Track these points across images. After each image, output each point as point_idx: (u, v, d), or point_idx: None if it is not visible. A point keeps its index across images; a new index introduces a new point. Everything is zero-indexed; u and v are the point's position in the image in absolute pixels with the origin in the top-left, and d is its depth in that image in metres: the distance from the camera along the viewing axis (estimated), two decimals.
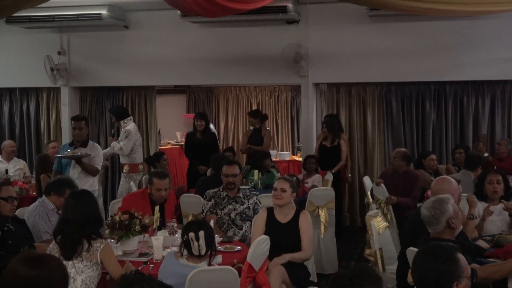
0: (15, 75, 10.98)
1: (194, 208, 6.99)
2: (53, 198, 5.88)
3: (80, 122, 7.66)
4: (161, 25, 10.31)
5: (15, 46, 10.94)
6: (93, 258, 4.35)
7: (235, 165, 6.59)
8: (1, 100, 11.52)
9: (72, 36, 10.76)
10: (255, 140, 10.12)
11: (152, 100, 11.03)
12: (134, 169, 9.11)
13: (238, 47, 10.12)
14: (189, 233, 4.38)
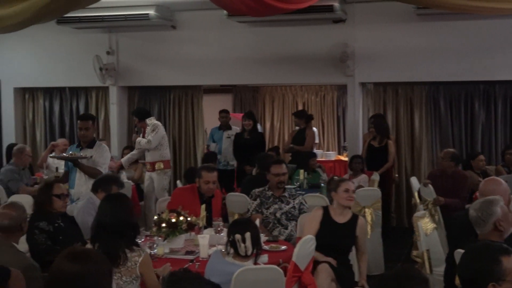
0: (65, 74, 11.20)
1: (240, 207, 7.02)
2: (100, 195, 6.00)
3: (87, 122, 7.18)
4: (208, 25, 10.37)
5: (65, 46, 11.15)
6: (132, 273, 4.18)
7: (283, 164, 6.65)
8: (51, 99, 11.74)
9: (120, 36, 10.92)
10: (298, 140, 10.11)
11: (199, 99, 11.13)
12: (167, 165, 9.09)
13: (284, 47, 10.13)
14: (236, 235, 4.37)
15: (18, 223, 4.33)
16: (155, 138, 8.84)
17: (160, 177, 8.99)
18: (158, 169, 8.98)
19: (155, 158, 8.98)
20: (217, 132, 10.38)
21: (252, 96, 14.28)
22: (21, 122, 11.84)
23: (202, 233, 5.50)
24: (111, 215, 4.32)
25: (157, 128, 8.92)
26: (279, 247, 5.39)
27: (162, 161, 8.99)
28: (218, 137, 10.30)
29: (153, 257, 4.96)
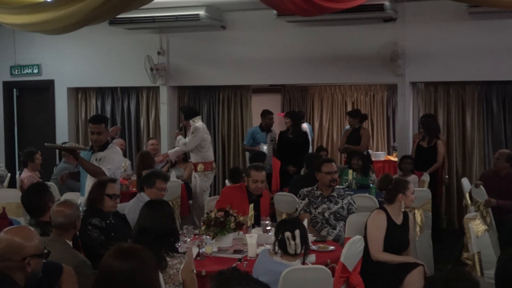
0: (117, 75, 11.37)
1: (288, 206, 7.03)
2: (147, 191, 6.12)
3: (100, 125, 6.55)
4: (257, 24, 10.40)
5: (117, 47, 11.33)
6: (175, 281, 4.16)
7: (333, 162, 6.66)
8: (103, 99, 11.94)
9: (171, 37, 11.03)
10: (353, 140, 10.03)
11: (248, 99, 11.17)
12: (208, 167, 9.06)
13: (333, 46, 10.08)
14: (285, 233, 4.37)
15: (72, 220, 4.40)
16: (191, 142, 8.84)
17: (201, 178, 9.01)
18: (199, 170, 9.01)
19: (197, 159, 9.02)
20: (259, 133, 10.29)
21: (301, 95, 14.26)
22: (74, 121, 12.07)
23: (250, 232, 5.54)
24: (151, 221, 4.31)
25: (196, 131, 8.87)
26: (327, 247, 5.38)
27: (203, 162, 9.00)
28: (262, 139, 10.23)
29: (201, 256, 5.02)
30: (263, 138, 10.18)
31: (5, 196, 7.74)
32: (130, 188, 8.63)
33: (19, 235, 3.35)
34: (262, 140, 10.15)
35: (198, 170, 9.00)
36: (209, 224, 5.39)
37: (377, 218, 5.53)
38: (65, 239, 4.38)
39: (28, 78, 12.00)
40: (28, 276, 3.35)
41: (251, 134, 10.30)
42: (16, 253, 3.28)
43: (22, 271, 3.31)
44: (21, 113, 12.43)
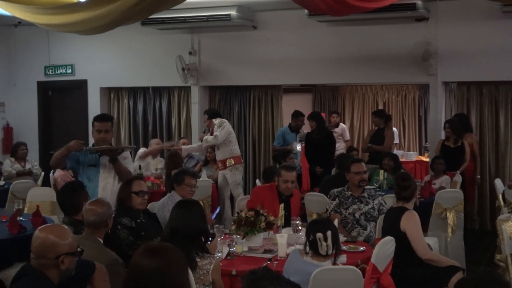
0: (149, 74, 11.46)
1: (318, 207, 7.02)
2: (177, 189, 6.17)
3: (107, 123, 6.22)
4: (289, 24, 10.40)
5: (149, 47, 11.42)
6: (205, 281, 4.18)
7: (362, 162, 6.64)
8: (136, 99, 12.04)
9: (202, 37, 11.09)
10: (377, 140, 9.99)
11: (279, 99, 11.17)
12: (238, 161, 9.22)
13: (365, 46, 10.04)
14: (317, 234, 4.35)
15: (104, 219, 4.45)
16: (221, 133, 9.00)
17: (233, 173, 9.17)
18: (229, 165, 9.15)
19: (226, 155, 9.16)
20: (289, 133, 10.27)
21: (332, 95, 14.21)
22: None
23: (281, 232, 5.54)
24: (182, 221, 4.33)
25: (223, 124, 9.09)
26: (357, 248, 5.36)
27: (232, 157, 9.16)
28: (292, 140, 10.21)
29: (231, 255, 5.04)
30: (293, 138, 10.17)
31: (39, 194, 7.86)
32: (161, 187, 8.70)
33: (54, 233, 3.40)
34: (292, 140, 10.14)
35: (228, 165, 9.14)
36: (240, 223, 5.41)
37: (414, 218, 5.45)
38: (97, 237, 4.43)
39: (62, 78, 12.16)
40: (62, 273, 3.40)
41: (281, 134, 10.29)
42: (50, 251, 3.33)
43: (56, 269, 3.36)
44: (54, 112, 12.59)
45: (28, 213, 6.96)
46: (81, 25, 7.44)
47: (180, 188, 6.18)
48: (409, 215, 5.45)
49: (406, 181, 5.63)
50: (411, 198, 5.59)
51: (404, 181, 5.63)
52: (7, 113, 12.42)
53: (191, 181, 6.22)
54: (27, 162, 10.06)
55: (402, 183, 5.63)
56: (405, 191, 5.58)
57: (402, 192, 5.59)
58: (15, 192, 8.31)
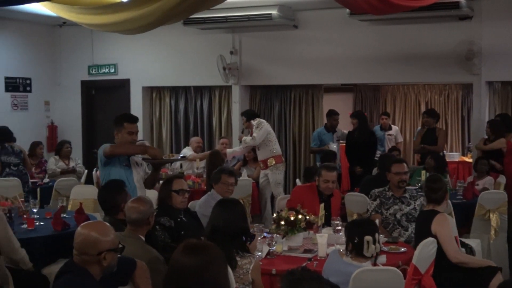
0: (191, 74, 11.54)
1: (359, 207, 6.99)
2: (215, 188, 6.21)
3: (136, 124, 6.17)
4: (330, 24, 10.36)
5: (190, 46, 11.49)
6: (245, 280, 4.18)
7: (404, 163, 6.55)
8: (177, 98, 12.13)
9: (243, 36, 11.11)
10: (429, 140, 9.83)
11: (319, 98, 11.14)
12: (279, 160, 9.20)
13: (407, 45, 9.94)
14: (365, 237, 4.27)
15: (145, 217, 4.49)
16: (259, 134, 9.03)
17: (274, 172, 9.16)
18: (270, 165, 9.15)
19: (266, 154, 9.18)
20: (325, 134, 10.18)
21: (374, 95, 14.11)
22: (149, 120, 12.32)
23: (321, 232, 5.52)
24: (223, 220, 4.34)
25: (261, 125, 9.12)
26: (398, 248, 5.31)
27: (273, 156, 9.17)
28: (328, 140, 10.13)
29: (271, 254, 5.04)
30: (330, 138, 10.10)
31: (82, 192, 7.98)
32: (202, 185, 8.74)
33: (96, 230, 3.45)
34: (329, 140, 10.07)
35: (269, 165, 9.15)
36: (280, 222, 5.41)
37: (446, 220, 5.36)
38: (138, 235, 4.47)
39: (105, 78, 12.33)
40: (104, 270, 3.44)
41: (317, 135, 10.22)
42: (92, 247, 3.38)
43: (98, 265, 3.41)
44: (97, 111, 12.77)
45: (71, 210, 7.08)
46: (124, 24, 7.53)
47: (218, 187, 6.22)
48: (440, 218, 5.33)
49: (437, 183, 5.51)
50: (441, 201, 5.47)
51: (434, 183, 5.51)
52: (51, 112, 12.65)
53: (228, 179, 6.24)
54: (71, 160, 10.21)
55: (432, 185, 5.50)
56: (435, 193, 5.46)
57: (432, 194, 5.48)
58: (59, 189, 8.47)
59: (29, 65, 12.16)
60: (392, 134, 11.05)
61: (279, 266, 4.77)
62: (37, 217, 6.47)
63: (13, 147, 9.18)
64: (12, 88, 11.87)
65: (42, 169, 9.92)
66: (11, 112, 11.84)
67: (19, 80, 12.01)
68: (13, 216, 6.21)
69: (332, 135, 10.17)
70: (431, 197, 5.49)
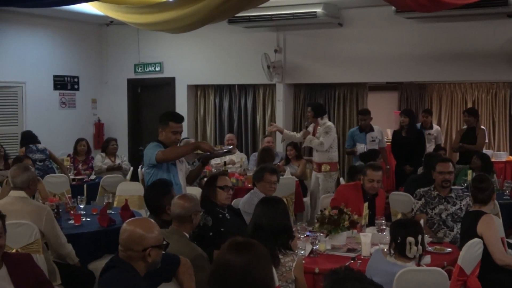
0: (235, 72, 11.58)
1: (403, 206, 6.92)
2: (258, 186, 6.23)
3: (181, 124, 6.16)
4: (375, 21, 10.29)
5: (235, 45, 11.54)
6: (288, 278, 4.19)
7: (449, 162, 6.44)
8: (222, 96, 12.19)
9: (288, 34, 11.11)
10: (469, 139, 9.69)
11: (364, 96, 11.06)
12: (334, 168, 8.95)
13: (453, 42, 9.80)
14: (408, 238, 4.23)
15: (188, 214, 4.52)
16: (327, 141, 8.74)
17: (326, 180, 8.90)
18: (324, 171, 8.89)
19: (322, 159, 8.91)
20: (358, 134, 9.79)
21: (419, 93, 13.93)
22: (193, 117, 12.41)
23: (365, 231, 5.49)
24: (267, 218, 4.34)
25: (330, 131, 8.80)
26: (443, 249, 5.25)
27: (329, 163, 8.89)
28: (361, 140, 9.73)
29: (314, 253, 5.03)
30: (362, 139, 9.68)
31: (128, 189, 8.09)
32: (245, 183, 8.77)
33: (141, 226, 3.49)
34: (361, 141, 9.67)
35: (323, 170, 8.89)
36: (323, 221, 5.40)
37: (492, 221, 5.25)
38: (183, 232, 4.51)
39: (151, 76, 12.47)
40: (148, 266, 3.49)
41: (351, 135, 9.87)
42: (137, 243, 3.43)
43: (143, 261, 3.45)
44: (143, 109, 12.92)
45: (117, 206, 7.18)
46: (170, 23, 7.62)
47: (261, 185, 6.23)
48: (486, 219, 5.22)
49: (484, 182, 5.41)
50: (488, 201, 5.37)
51: (481, 183, 5.42)
52: (98, 110, 12.86)
53: (271, 177, 6.25)
54: (117, 157, 10.34)
55: (479, 184, 5.41)
56: (482, 193, 5.37)
57: (479, 194, 5.39)
58: (105, 186, 8.59)
59: (77, 63, 12.39)
60: (432, 133, 10.72)
61: (322, 265, 4.76)
62: (84, 213, 6.59)
63: (37, 146, 9.61)
64: (61, 86, 12.11)
65: (89, 166, 10.08)
66: (59, 110, 12.08)
67: (67, 78, 12.24)
68: (61, 212, 6.33)
69: (365, 135, 9.72)
70: (478, 197, 5.41)
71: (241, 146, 11.88)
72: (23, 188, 5.44)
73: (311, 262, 4.80)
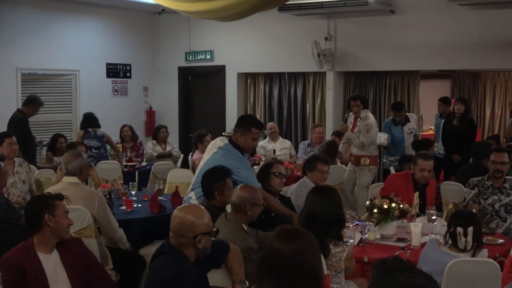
0: (285, 60, 11.55)
1: (455, 196, 6.83)
2: (309, 175, 6.27)
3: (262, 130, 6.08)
4: (428, 8, 10.11)
5: (285, 32, 11.50)
6: (337, 268, 4.21)
7: (505, 152, 6.30)
8: (271, 84, 12.19)
9: (338, 22, 11.02)
10: None
11: (415, 85, 10.91)
12: (373, 162, 8.70)
13: (507, 30, 9.55)
14: (458, 228, 4.22)
15: (243, 204, 4.54)
16: (368, 141, 8.52)
17: (364, 174, 8.65)
18: (363, 164, 8.63)
19: (362, 152, 8.65)
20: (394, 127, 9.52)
21: (472, 81, 13.71)
22: (243, 105, 12.45)
23: (415, 221, 5.45)
24: (321, 208, 4.30)
25: (372, 129, 8.53)
26: (496, 240, 5.17)
27: (369, 156, 8.63)
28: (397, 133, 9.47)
29: (363, 242, 5.02)
30: (399, 132, 9.47)
31: (178, 176, 8.19)
32: (295, 172, 8.77)
33: (191, 213, 3.54)
34: (399, 134, 9.44)
35: (362, 163, 8.63)
36: (373, 210, 5.38)
37: None
38: (240, 221, 4.54)
39: (201, 64, 12.55)
40: (198, 252, 3.53)
41: (386, 127, 9.65)
42: (188, 230, 3.47)
43: (194, 248, 3.50)
44: (194, 97, 13.03)
45: (167, 193, 7.28)
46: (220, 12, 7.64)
47: (313, 174, 6.23)
48: None
49: None
50: None
51: None
52: (150, 97, 13.02)
53: (324, 167, 6.26)
54: (168, 145, 10.45)
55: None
56: None
57: None
58: (156, 173, 8.71)
59: (129, 51, 12.55)
60: None
61: (371, 254, 4.76)
62: (135, 199, 6.70)
63: (96, 131, 9.70)
64: (113, 74, 12.30)
65: (139, 153, 10.22)
66: (112, 97, 12.27)
67: (120, 66, 12.42)
68: (113, 198, 6.45)
69: (402, 127, 9.51)
70: None
71: (290, 134, 11.88)
72: (75, 174, 5.55)
73: (360, 251, 4.80)
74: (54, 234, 3.95)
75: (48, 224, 3.90)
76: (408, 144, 9.36)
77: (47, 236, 3.93)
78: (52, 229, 3.92)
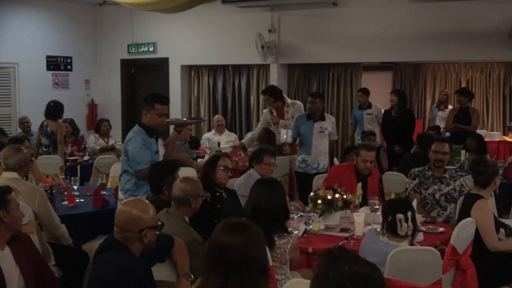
0: (229, 52, 11.53)
1: (397, 186, 6.94)
2: (256, 167, 6.23)
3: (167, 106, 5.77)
4: (370, 1, 10.25)
5: (229, 25, 11.48)
6: (282, 259, 4.21)
7: (446, 143, 6.42)
8: (215, 77, 12.16)
9: (282, 14, 11.05)
10: (462, 119, 9.69)
11: (358, 77, 11.05)
12: (295, 151, 8.75)
13: (448, 22, 9.77)
14: (397, 215, 4.25)
15: (188, 197, 4.51)
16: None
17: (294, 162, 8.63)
18: (285, 153, 8.73)
19: None
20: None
21: (413, 73, 13.93)
22: (187, 98, 12.39)
23: (358, 211, 5.51)
24: (264, 200, 4.30)
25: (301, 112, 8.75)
26: (436, 228, 5.28)
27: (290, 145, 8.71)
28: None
29: (308, 233, 5.06)
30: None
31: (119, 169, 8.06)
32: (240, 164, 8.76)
33: (137, 207, 3.49)
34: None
35: (284, 152, 8.79)
36: (317, 201, 5.42)
37: (486, 207, 5.16)
38: (183, 214, 4.51)
39: (144, 56, 12.42)
40: (144, 246, 3.50)
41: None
42: (134, 225, 3.43)
43: (140, 242, 3.46)
44: (137, 90, 12.88)
45: (111, 187, 7.18)
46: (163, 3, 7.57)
47: (260, 167, 6.21)
48: (480, 204, 5.14)
49: (481, 166, 5.29)
50: (487, 185, 5.27)
51: (478, 166, 5.31)
52: (92, 90, 12.82)
53: (271, 159, 6.25)
54: (110, 138, 10.32)
55: (476, 167, 5.32)
56: (480, 176, 5.27)
57: (477, 177, 5.30)
58: (99, 167, 8.58)
59: (70, 44, 12.32)
60: (373, 113, 10.41)
61: (316, 244, 4.79)
62: (78, 194, 6.59)
63: (48, 126, 9.08)
64: (54, 66, 12.05)
65: (81, 147, 10.04)
66: (52, 90, 12.02)
67: (60, 58, 12.18)
68: (54, 193, 6.33)
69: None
70: (477, 180, 5.32)
71: (235, 126, 11.87)
72: (15, 169, 5.43)
73: (304, 242, 4.82)
74: (9, 229, 3.89)
75: (4, 221, 3.82)
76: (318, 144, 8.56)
77: (1, 232, 3.85)
78: (6, 225, 3.86)
